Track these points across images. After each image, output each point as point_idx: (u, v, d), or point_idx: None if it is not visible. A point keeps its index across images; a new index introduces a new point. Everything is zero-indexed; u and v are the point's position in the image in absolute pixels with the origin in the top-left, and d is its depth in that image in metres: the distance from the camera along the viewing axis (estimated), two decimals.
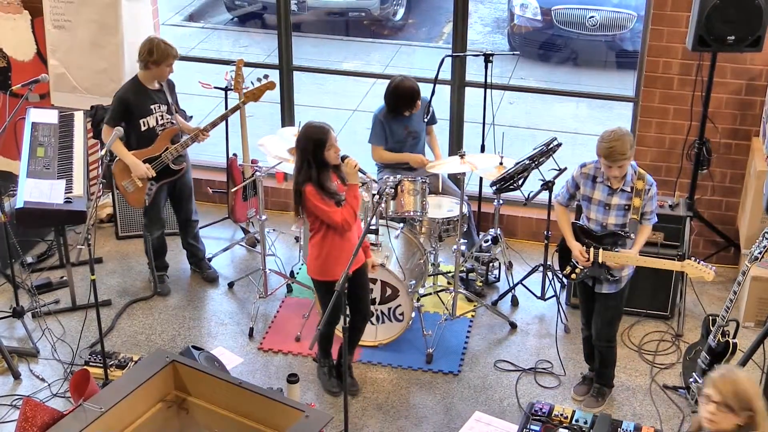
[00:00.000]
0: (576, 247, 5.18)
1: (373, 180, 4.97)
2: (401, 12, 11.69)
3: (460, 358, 5.96)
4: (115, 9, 6.99)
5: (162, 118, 6.18)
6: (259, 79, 6.41)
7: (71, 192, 5.97)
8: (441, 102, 6.76)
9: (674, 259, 5.53)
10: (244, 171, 6.79)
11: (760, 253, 4.88)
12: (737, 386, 3.74)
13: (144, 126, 6.12)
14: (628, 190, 5.06)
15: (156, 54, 5.98)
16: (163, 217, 6.58)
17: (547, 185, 6.03)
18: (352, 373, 5.74)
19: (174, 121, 6.26)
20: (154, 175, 6.17)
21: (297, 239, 6.82)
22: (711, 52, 6.03)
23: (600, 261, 5.12)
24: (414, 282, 5.98)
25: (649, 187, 5.06)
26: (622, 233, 5.09)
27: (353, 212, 5.12)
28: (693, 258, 5.08)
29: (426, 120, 6.48)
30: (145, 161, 6.15)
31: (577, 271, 5.27)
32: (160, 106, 6.17)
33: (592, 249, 5.14)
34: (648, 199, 5.07)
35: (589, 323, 5.45)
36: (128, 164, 6.11)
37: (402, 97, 6.33)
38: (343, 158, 5.10)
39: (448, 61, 6.67)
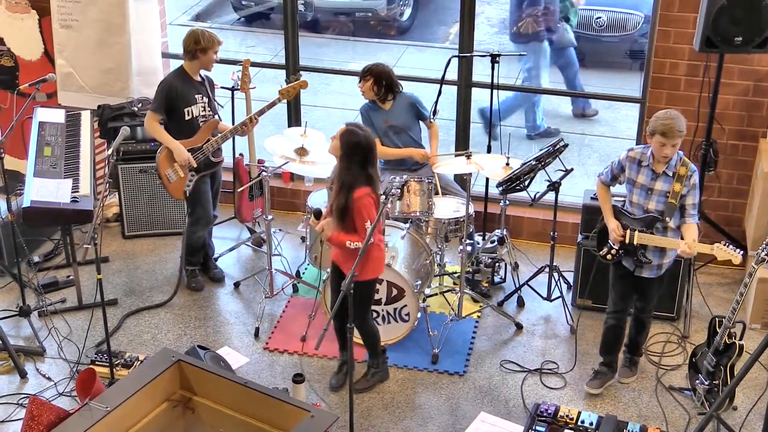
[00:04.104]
0: (613, 222, 5.28)
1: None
2: (408, 12, 11.66)
3: (465, 359, 5.96)
4: (122, 8, 7.00)
5: (204, 110, 6.22)
6: (293, 78, 6.45)
7: (78, 191, 5.98)
8: (447, 103, 6.76)
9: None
10: (251, 171, 6.80)
11: (766, 254, 4.87)
12: None
13: (188, 115, 6.16)
14: (670, 174, 5.13)
15: (203, 42, 6.05)
16: (211, 215, 6.55)
17: (554, 186, 6.02)
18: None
19: (214, 114, 6.31)
20: (195, 165, 6.20)
21: (303, 239, 6.82)
22: (718, 53, 6.01)
23: (635, 243, 5.19)
24: (420, 282, 5.98)
25: (691, 173, 5.12)
26: (658, 217, 5.15)
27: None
28: (722, 242, 5.10)
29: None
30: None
31: (613, 252, 5.34)
32: (203, 97, 6.22)
33: (628, 230, 5.22)
34: (691, 187, 5.12)
35: (618, 310, 5.51)
36: (172, 149, 6.13)
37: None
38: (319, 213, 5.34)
39: (455, 61, 6.67)
